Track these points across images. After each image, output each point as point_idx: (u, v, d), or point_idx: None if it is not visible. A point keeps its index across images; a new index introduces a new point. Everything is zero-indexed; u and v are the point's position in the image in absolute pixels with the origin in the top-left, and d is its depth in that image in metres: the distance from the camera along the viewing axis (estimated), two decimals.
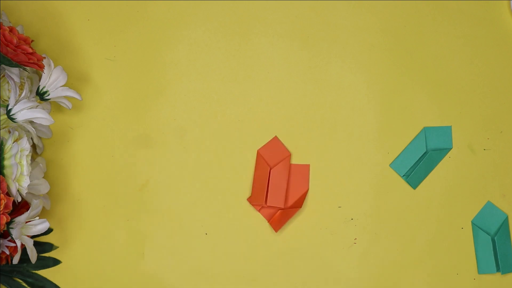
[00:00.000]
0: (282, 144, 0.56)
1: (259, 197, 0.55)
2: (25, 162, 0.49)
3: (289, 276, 0.56)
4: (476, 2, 0.59)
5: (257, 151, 0.56)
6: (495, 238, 0.56)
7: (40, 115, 0.49)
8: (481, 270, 0.56)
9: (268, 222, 0.55)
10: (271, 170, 0.55)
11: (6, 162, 0.48)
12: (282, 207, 0.54)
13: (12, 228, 0.48)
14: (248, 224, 0.56)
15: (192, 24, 0.58)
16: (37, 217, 0.50)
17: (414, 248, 0.56)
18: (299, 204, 0.55)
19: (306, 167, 0.55)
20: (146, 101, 0.57)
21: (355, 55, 0.58)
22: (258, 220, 0.56)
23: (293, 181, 0.55)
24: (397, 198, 0.57)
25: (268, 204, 0.55)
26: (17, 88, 0.49)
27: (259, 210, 0.55)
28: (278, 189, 0.54)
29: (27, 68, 0.52)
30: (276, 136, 0.56)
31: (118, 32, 0.58)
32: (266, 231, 0.56)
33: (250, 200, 0.55)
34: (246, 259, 0.56)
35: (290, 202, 0.55)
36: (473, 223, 0.56)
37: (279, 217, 0.55)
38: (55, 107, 0.57)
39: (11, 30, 0.49)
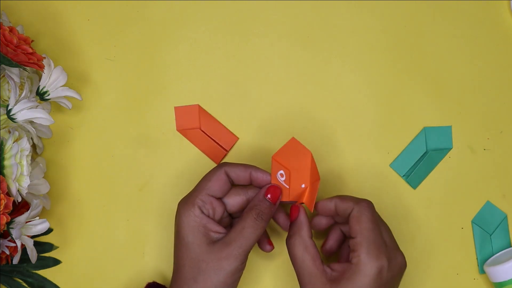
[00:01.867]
0: (186, 106, 0.57)
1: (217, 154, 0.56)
2: (25, 162, 0.49)
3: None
4: (476, 2, 0.59)
5: (177, 130, 0.57)
6: (493, 237, 0.56)
7: (40, 115, 0.49)
8: (482, 270, 0.56)
9: (304, 202, 0.49)
10: (201, 128, 0.56)
11: (6, 162, 0.48)
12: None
13: (12, 228, 0.48)
14: None
15: (192, 24, 0.58)
16: (37, 217, 0.50)
17: (414, 248, 0.56)
18: (316, 175, 0.50)
19: (293, 141, 0.49)
20: (146, 101, 0.57)
21: (355, 55, 0.58)
22: None
23: (296, 160, 0.49)
24: (397, 198, 0.57)
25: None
26: (17, 88, 0.49)
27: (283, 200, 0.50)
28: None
29: (27, 68, 0.52)
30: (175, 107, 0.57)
31: (118, 32, 0.58)
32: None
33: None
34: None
35: (309, 177, 0.49)
36: (473, 223, 0.56)
37: (310, 194, 0.49)
38: (55, 107, 0.57)
39: (11, 30, 0.49)
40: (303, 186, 0.48)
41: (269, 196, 0.48)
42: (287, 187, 0.48)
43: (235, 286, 0.47)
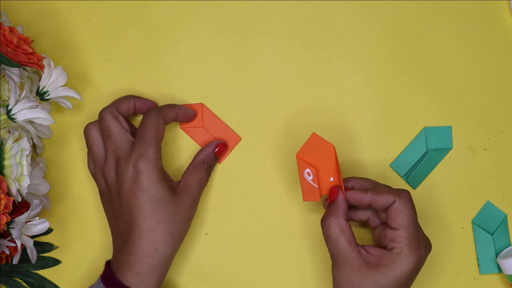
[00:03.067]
0: (191, 105, 0.57)
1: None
2: (25, 162, 0.49)
3: (295, 271, 0.56)
4: (476, 2, 0.59)
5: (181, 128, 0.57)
6: (494, 237, 0.56)
7: (40, 115, 0.49)
8: (483, 270, 0.56)
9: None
10: (204, 127, 0.56)
11: (6, 162, 0.48)
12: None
13: (12, 228, 0.48)
14: (248, 223, 0.56)
15: (192, 24, 0.58)
16: (37, 217, 0.50)
17: None
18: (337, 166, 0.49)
19: (314, 136, 0.48)
20: None
21: (355, 55, 0.58)
22: (258, 217, 0.56)
23: (320, 155, 0.48)
24: None
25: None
26: (17, 88, 0.49)
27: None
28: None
29: (27, 68, 0.52)
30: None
31: (118, 32, 0.58)
32: (266, 226, 0.56)
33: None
34: (247, 259, 0.56)
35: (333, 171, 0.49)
36: (473, 223, 0.56)
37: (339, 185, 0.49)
38: (55, 107, 0.57)
39: (11, 30, 0.49)
40: (331, 179, 0.48)
41: (216, 150, 0.54)
42: (316, 186, 0.48)
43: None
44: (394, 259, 0.46)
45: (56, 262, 0.56)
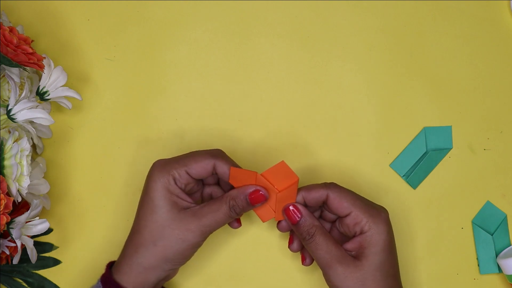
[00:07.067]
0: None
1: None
2: (25, 162, 0.49)
3: (291, 272, 0.56)
4: (476, 2, 0.59)
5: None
6: (494, 237, 0.56)
7: (40, 115, 0.49)
8: (483, 270, 0.56)
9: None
10: None
11: (6, 162, 0.48)
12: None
13: (12, 228, 0.48)
14: (246, 222, 0.56)
15: (192, 24, 0.58)
16: (37, 217, 0.50)
17: (414, 248, 0.56)
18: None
19: (282, 164, 0.47)
20: (146, 101, 0.57)
21: (355, 55, 0.58)
22: (257, 218, 0.56)
23: (280, 180, 0.47)
24: (397, 198, 0.57)
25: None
26: (17, 88, 0.49)
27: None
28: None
29: (27, 68, 0.52)
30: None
31: (118, 32, 0.58)
32: (265, 227, 0.56)
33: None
34: (245, 259, 0.56)
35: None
36: (473, 223, 0.56)
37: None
38: (55, 107, 0.57)
39: (11, 30, 0.49)
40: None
41: (251, 197, 0.47)
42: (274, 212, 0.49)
43: (188, 259, 0.48)
44: (370, 235, 0.46)
45: (56, 262, 0.56)
